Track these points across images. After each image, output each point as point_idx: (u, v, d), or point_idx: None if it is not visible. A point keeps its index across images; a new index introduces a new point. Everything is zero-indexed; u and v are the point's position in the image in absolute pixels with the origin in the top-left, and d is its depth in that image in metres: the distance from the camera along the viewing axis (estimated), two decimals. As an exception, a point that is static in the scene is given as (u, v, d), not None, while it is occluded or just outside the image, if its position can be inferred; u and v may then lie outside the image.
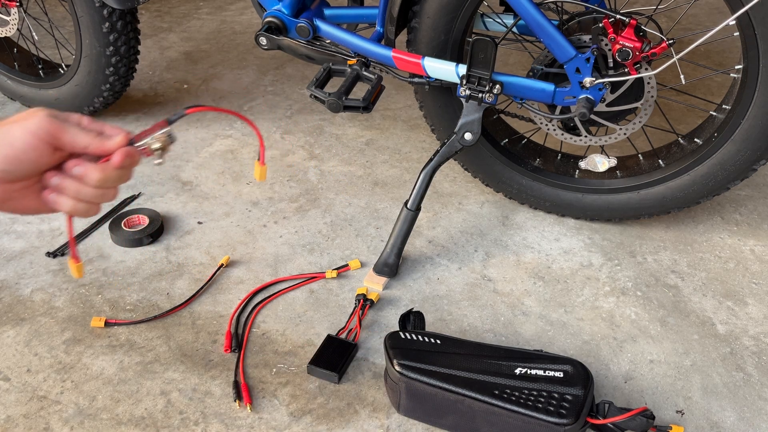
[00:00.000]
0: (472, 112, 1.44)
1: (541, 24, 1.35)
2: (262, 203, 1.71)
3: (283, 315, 1.41)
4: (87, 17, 1.75)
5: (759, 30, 1.26)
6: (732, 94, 1.43)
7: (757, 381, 1.28)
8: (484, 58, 1.36)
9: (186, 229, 1.63)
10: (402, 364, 1.16)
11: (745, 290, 1.47)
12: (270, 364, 1.30)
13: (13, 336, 1.36)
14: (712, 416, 1.22)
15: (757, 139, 1.38)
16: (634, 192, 1.54)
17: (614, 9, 1.38)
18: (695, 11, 2.63)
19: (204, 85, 2.22)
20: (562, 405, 1.10)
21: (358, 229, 1.63)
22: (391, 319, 1.40)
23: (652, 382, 1.28)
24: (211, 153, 1.90)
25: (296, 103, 2.13)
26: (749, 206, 1.70)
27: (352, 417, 1.21)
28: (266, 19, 1.56)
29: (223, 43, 2.49)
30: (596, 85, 1.38)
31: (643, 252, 1.57)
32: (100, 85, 1.87)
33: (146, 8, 2.75)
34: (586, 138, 1.51)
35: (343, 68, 1.48)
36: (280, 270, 1.51)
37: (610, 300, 1.45)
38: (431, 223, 1.65)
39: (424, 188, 1.48)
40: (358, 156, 1.89)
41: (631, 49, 1.32)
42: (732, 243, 1.60)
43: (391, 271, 1.48)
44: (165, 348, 1.33)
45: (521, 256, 1.56)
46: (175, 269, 1.52)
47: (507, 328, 1.39)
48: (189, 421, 1.20)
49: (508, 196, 1.68)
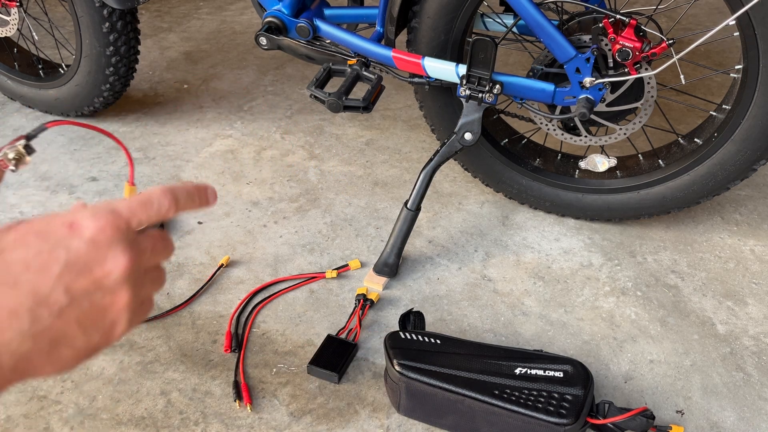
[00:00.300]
0: (472, 112, 1.44)
1: (541, 24, 1.35)
2: (262, 203, 1.71)
3: (283, 315, 1.41)
4: (87, 17, 1.75)
5: (759, 30, 1.26)
6: (732, 94, 1.42)
7: (757, 381, 1.28)
8: (484, 58, 1.36)
9: (186, 229, 1.63)
10: (402, 364, 1.16)
11: (745, 290, 1.47)
12: (270, 364, 1.30)
13: (13, 336, 1.35)
14: (712, 416, 1.22)
15: (757, 139, 1.38)
16: (634, 192, 1.54)
17: (614, 9, 1.38)
18: (695, 11, 2.63)
19: (204, 85, 2.22)
20: (562, 405, 1.10)
21: (358, 229, 1.63)
22: (391, 319, 1.40)
23: (652, 382, 1.28)
24: (211, 153, 1.90)
25: (296, 103, 2.13)
26: (749, 206, 1.70)
27: (352, 417, 1.21)
28: (266, 19, 1.56)
29: (223, 43, 2.49)
30: (596, 85, 1.38)
31: (643, 252, 1.57)
32: (100, 85, 1.87)
33: (146, 8, 2.75)
34: (586, 138, 1.51)
35: (343, 68, 1.48)
36: (280, 270, 1.51)
37: (610, 300, 1.45)
38: (431, 223, 1.65)
39: (424, 188, 1.48)
40: (358, 156, 1.89)
41: (631, 49, 1.32)
42: (732, 243, 1.60)
43: (391, 271, 1.48)
44: (165, 348, 1.33)
45: (521, 256, 1.56)
46: (175, 269, 1.52)
47: (507, 328, 1.39)
48: (189, 421, 1.20)
49: (508, 196, 1.68)
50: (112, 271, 0.49)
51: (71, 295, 0.47)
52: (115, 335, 0.51)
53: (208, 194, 0.60)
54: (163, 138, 1.96)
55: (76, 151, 1.91)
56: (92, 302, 0.48)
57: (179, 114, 2.08)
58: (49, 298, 0.47)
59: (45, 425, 1.19)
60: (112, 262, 0.49)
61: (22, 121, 2.03)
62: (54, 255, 0.47)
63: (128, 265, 0.49)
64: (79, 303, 0.48)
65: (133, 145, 1.91)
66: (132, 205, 0.52)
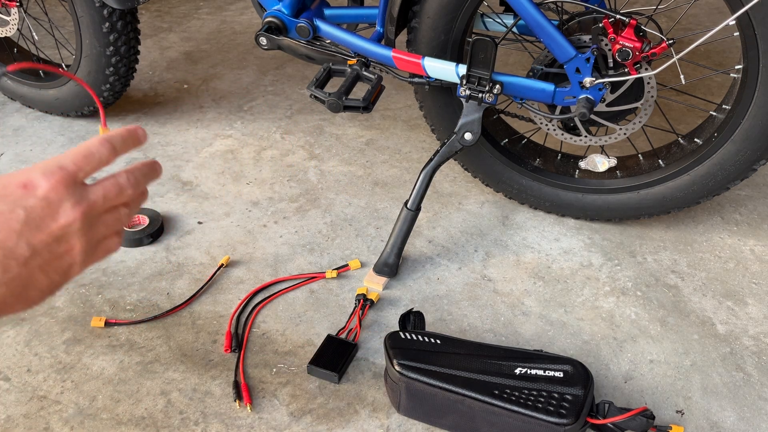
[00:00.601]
0: (472, 112, 1.44)
1: (541, 24, 1.35)
2: (262, 203, 1.71)
3: (283, 315, 1.41)
4: (87, 17, 1.75)
5: (759, 30, 1.26)
6: (732, 94, 1.43)
7: (757, 381, 1.28)
8: (484, 58, 1.36)
9: (186, 229, 1.63)
10: (402, 364, 1.16)
11: (745, 290, 1.47)
12: (270, 364, 1.30)
13: (13, 336, 1.36)
14: (712, 416, 1.22)
15: (757, 139, 1.38)
16: (634, 192, 1.54)
17: (614, 9, 1.38)
18: (695, 11, 2.63)
19: (204, 85, 2.22)
20: (562, 405, 1.10)
21: (358, 229, 1.63)
22: (391, 319, 1.40)
23: (652, 382, 1.28)
24: (211, 153, 1.90)
25: (296, 103, 2.13)
26: (749, 206, 1.70)
27: (352, 417, 1.21)
28: (266, 19, 1.56)
29: (223, 43, 2.49)
30: (596, 85, 1.38)
31: (643, 252, 1.57)
32: (100, 85, 1.87)
33: (146, 8, 2.75)
34: (586, 138, 1.51)
35: (343, 68, 1.48)
36: (280, 270, 1.51)
37: (610, 300, 1.45)
38: (431, 223, 1.65)
39: (424, 188, 1.48)
40: (358, 156, 1.89)
41: (631, 49, 1.32)
42: (732, 243, 1.60)
43: (391, 271, 1.48)
44: (165, 348, 1.33)
45: (521, 256, 1.56)
46: (175, 269, 1.52)
47: (507, 328, 1.39)
48: (189, 421, 1.20)
49: (508, 196, 1.68)
50: (64, 225, 0.56)
51: (33, 248, 0.55)
52: (73, 273, 0.60)
53: (139, 134, 0.66)
54: (163, 138, 1.96)
55: (76, 151, 1.91)
56: (51, 251, 0.57)
57: (179, 114, 2.08)
58: (15, 252, 0.55)
59: (45, 425, 1.19)
60: (64, 217, 0.56)
61: (22, 121, 2.03)
62: (14, 214, 0.55)
63: (78, 216, 0.57)
64: (39, 253, 0.56)
65: (133, 145, 1.91)
66: (77, 159, 0.58)
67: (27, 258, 0.55)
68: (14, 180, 0.56)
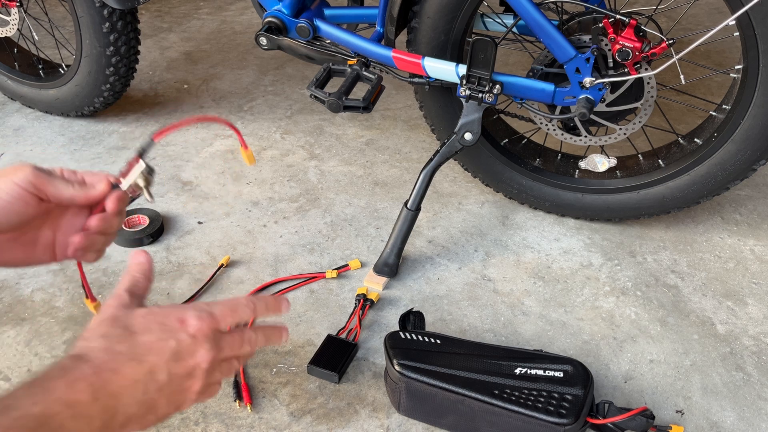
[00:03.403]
0: (472, 112, 1.44)
1: (541, 24, 1.35)
2: (262, 203, 1.71)
3: (284, 315, 1.40)
4: (87, 17, 1.75)
5: (759, 30, 1.26)
6: (732, 94, 1.43)
7: (757, 381, 1.28)
8: (484, 58, 1.36)
9: (186, 229, 1.63)
10: (402, 364, 1.16)
11: (745, 290, 1.48)
12: (270, 364, 1.31)
13: (13, 336, 1.36)
14: (712, 416, 1.22)
15: (757, 139, 1.38)
16: (634, 192, 1.54)
17: (614, 9, 1.38)
18: (695, 11, 2.63)
19: (204, 85, 2.22)
20: (562, 405, 1.10)
21: (358, 229, 1.63)
22: (391, 319, 1.40)
23: (652, 382, 1.28)
24: (211, 153, 1.90)
25: (296, 103, 2.13)
26: (749, 206, 1.70)
27: (352, 417, 1.21)
28: (266, 19, 1.56)
29: (223, 43, 2.49)
30: (596, 85, 1.38)
31: (643, 252, 1.57)
32: (100, 85, 1.87)
33: (146, 8, 2.75)
34: (586, 138, 1.51)
35: (343, 68, 1.48)
36: (280, 270, 1.52)
37: (610, 300, 1.45)
38: (431, 223, 1.65)
39: (424, 188, 1.48)
40: (358, 156, 1.89)
41: (631, 49, 1.32)
42: (732, 243, 1.60)
43: (391, 271, 1.48)
44: (165, 348, 1.33)
45: (521, 256, 1.56)
46: (175, 269, 1.52)
47: (507, 328, 1.39)
48: (189, 421, 1.20)
49: (508, 196, 1.68)
50: (199, 364, 0.64)
51: (170, 377, 0.62)
52: (182, 408, 0.66)
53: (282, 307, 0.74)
54: (163, 138, 1.96)
55: (76, 151, 1.91)
56: (179, 384, 0.63)
57: (179, 114, 2.08)
58: (158, 376, 0.61)
59: (45, 425, 1.19)
60: (200, 356, 0.64)
61: (22, 121, 2.03)
62: (168, 343, 0.62)
63: (209, 359, 0.64)
64: (172, 383, 0.62)
65: (133, 145, 1.91)
66: (224, 311, 0.67)
67: (163, 384, 0.62)
68: (174, 313, 0.65)
